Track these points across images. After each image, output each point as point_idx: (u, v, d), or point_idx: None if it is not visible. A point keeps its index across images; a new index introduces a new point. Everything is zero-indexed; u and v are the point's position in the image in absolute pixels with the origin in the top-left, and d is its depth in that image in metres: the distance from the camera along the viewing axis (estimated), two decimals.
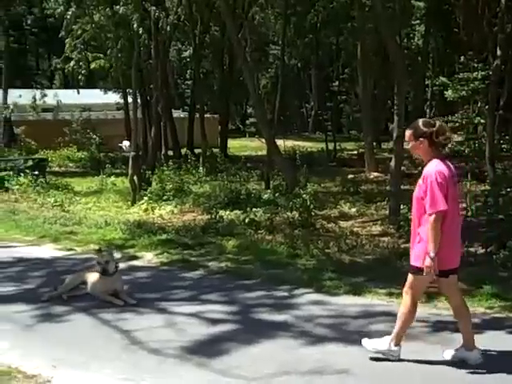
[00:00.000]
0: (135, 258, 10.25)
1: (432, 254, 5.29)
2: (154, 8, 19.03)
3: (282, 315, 7.18)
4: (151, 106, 25.86)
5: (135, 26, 17.04)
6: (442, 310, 7.06)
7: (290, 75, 45.34)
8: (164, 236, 11.57)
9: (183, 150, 30.27)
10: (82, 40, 19.61)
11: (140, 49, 19.61)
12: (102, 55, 22.46)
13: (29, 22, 62.38)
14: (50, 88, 30.90)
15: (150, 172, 18.64)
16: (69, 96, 34.14)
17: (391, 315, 6.36)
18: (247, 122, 54.21)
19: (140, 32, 17.93)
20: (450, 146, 5.70)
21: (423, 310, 6.67)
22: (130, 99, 28.75)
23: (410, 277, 5.58)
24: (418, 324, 6.40)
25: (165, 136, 28.92)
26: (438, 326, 6.62)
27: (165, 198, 15.90)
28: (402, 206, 12.02)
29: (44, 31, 63.71)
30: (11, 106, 31.23)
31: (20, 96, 31.17)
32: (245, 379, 5.46)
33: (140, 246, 10.96)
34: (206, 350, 6.18)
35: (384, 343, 5.72)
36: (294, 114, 56.38)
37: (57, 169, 27.89)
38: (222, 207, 14.19)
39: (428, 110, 38.91)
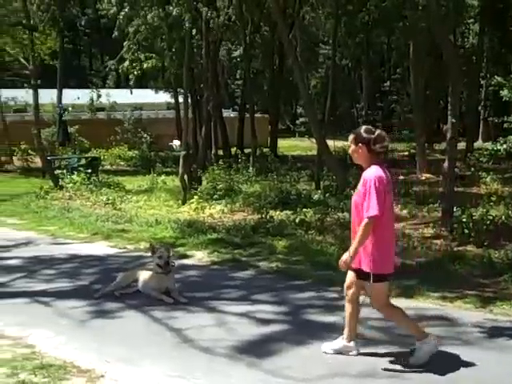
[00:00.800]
0: (186, 256, 10.32)
1: (351, 254, 5.50)
2: (205, 8, 19.15)
3: (332, 317, 7.12)
4: (202, 105, 26.04)
5: (187, 26, 17.17)
6: (498, 315, 6.92)
7: (340, 75, 45.10)
8: (214, 235, 11.64)
9: (233, 150, 30.42)
10: (136, 41, 19.85)
11: (192, 49, 19.75)
12: (153, 55, 22.72)
13: (82, 22, 63.44)
14: (103, 87, 31.34)
15: (200, 171, 18.77)
16: (121, 95, 34.53)
17: (445, 319, 6.27)
18: (297, 121, 54.11)
19: (192, 32, 18.05)
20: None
21: (478, 315, 6.55)
22: (180, 99, 29.06)
23: (364, 283, 5.69)
24: (474, 329, 6.28)
25: (215, 135, 29.08)
26: (494, 332, 6.49)
27: (215, 197, 15.98)
28: (455, 209, 11.83)
29: (97, 32, 64.77)
30: (69, 108, 31.84)
31: (78, 98, 31.79)
32: (295, 380, 5.45)
33: (190, 244, 11.05)
34: (256, 349, 6.18)
35: (339, 342, 5.98)
36: (344, 114, 56.02)
37: (109, 167, 28.34)
38: (272, 207, 14.20)
39: (482, 111, 38.25)
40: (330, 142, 20.72)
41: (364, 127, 5.85)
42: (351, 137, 5.80)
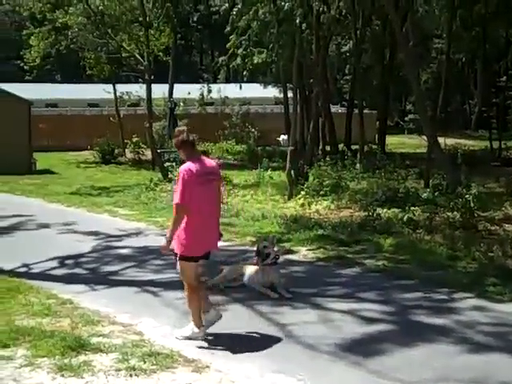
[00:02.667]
0: (291, 252, 10.34)
1: (168, 238, 6.11)
2: (316, 3, 19.07)
3: (440, 319, 6.94)
4: (310, 100, 25.96)
5: (298, 21, 17.16)
6: None
7: (453, 70, 43.78)
8: (320, 231, 11.60)
9: (340, 146, 30.19)
10: (247, 36, 20.04)
11: (302, 44, 19.72)
12: (264, 50, 22.88)
13: (195, 19, 64.74)
14: (214, 83, 31.91)
15: (307, 167, 18.72)
16: (230, 90, 35.12)
17: None
18: (406, 118, 53.05)
19: (303, 27, 18.03)
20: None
21: None
22: (289, 93, 29.09)
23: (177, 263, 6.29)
24: None
25: (322, 131, 28.94)
26: None
27: (321, 193, 15.91)
28: None
29: (208, 28, 65.93)
30: (180, 103, 32.64)
31: (189, 93, 32.57)
32: (402, 383, 5.33)
33: (296, 240, 11.06)
34: (361, 349, 6.11)
35: (188, 329, 6.38)
36: (456, 110, 54.40)
37: (216, 161, 28.75)
38: (379, 204, 13.97)
39: None
40: (441, 140, 20.16)
41: (176, 130, 6.68)
42: (174, 142, 6.57)
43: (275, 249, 8.25)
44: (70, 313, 6.98)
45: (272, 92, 39.18)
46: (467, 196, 12.24)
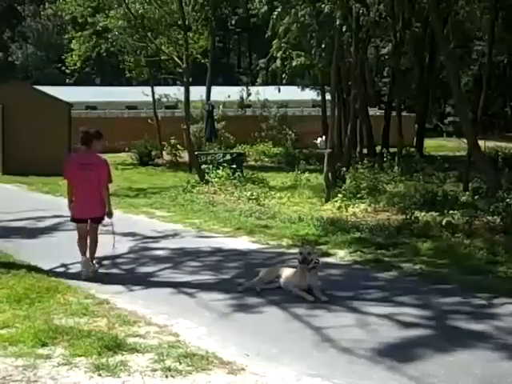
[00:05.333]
0: (328, 255, 10.27)
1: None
2: (356, 5, 18.98)
3: (480, 324, 6.82)
4: (348, 103, 25.85)
5: (338, 23, 17.09)
6: None
7: (494, 72, 43.15)
8: (357, 234, 11.53)
9: (378, 149, 29.98)
10: (287, 39, 20.04)
11: (341, 46, 19.64)
12: (303, 53, 22.86)
13: (233, 22, 64.96)
14: (252, 85, 31.98)
15: (344, 169, 18.63)
16: (268, 93, 35.12)
17: None
18: (445, 121, 52.45)
19: (342, 29, 17.96)
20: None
21: None
22: (327, 96, 29.01)
23: None
24: None
25: (360, 134, 28.79)
26: None
27: (359, 196, 15.81)
28: None
29: (246, 30, 66.10)
30: (220, 106, 32.80)
31: (229, 96, 32.66)
32: None
33: (333, 243, 10.99)
34: (398, 353, 6.03)
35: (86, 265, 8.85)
36: (497, 113, 53.62)
37: (253, 163, 28.87)
38: (417, 208, 13.84)
39: None
40: (481, 142, 19.88)
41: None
42: None
43: (314, 251, 8.22)
44: (107, 313, 7.02)
45: (310, 95, 39.06)
46: (508, 200, 12.04)
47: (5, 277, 8.40)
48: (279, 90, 30.17)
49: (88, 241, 9.10)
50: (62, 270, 9.38)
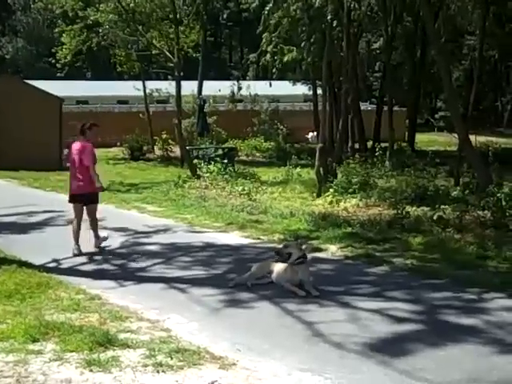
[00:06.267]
0: (319, 250, 10.29)
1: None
2: None
3: (470, 319, 6.86)
4: (339, 98, 25.85)
5: (329, 18, 17.07)
6: None
7: (485, 67, 43.24)
8: (349, 229, 11.54)
9: (369, 144, 30.04)
10: (278, 34, 20.01)
11: (332, 41, 19.64)
12: (294, 48, 22.85)
13: (224, 16, 64.90)
14: (243, 80, 31.88)
15: (335, 164, 18.64)
16: (259, 87, 35.04)
17: None
18: (436, 115, 52.58)
19: (333, 24, 17.95)
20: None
21: None
22: (318, 91, 28.99)
23: None
24: None
25: (352, 129, 28.82)
26: None
27: (350, 190, 15.82)
28: None
29: (237, 25, 66.05)
30: (210, 100, 32.73)
31: (220, 90, 32.60)
32: (430, 383, 5.27)
33: (324, 238, 11.00)
34: (390, 348, 6.05)
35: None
36: (488, 108, 53.77)
37: (244, 158, 28.86)
38: (408, 203, 13.88)
39: None
40: (472, 137, 19.91)
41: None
42: None
43: (303, 247, 8.21)
44: (98, 308, 7.02)
45: (301, 89, 39.09)
46: (499, 195, 12.09)
47: None
48: (270, 85, 30.08)
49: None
50: (53, 265, 9.37)
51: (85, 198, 10.28)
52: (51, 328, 6.20)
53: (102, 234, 10.64)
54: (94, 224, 10.48)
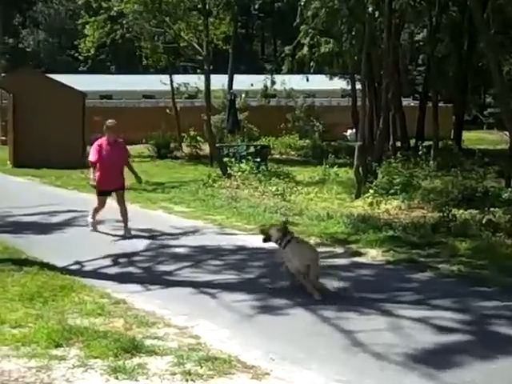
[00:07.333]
0: (358, 254, 10.28)
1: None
2: None
3: None
4: (379, 93, 25.71)
5: (370, 9, 16.99)
6: None
7: None
8: (390, 232, 11.48)
9: (412, 142, 29.83)
10: (315, 25, 19.98)
11: (372, 32, 19.54)
12: (332, 39, 22.79)
13: (256, 6, 64.95)
14: (277, 73, 31.90)
15: (376, 164, 18.54)
16: (294, 82, 35.06)
17: None
18: (485, 112, 52.00)
19: (375, 15, 17.87)
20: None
21: None
22: (357, 86, 28.86)
23: None
24: None
25: (393, 126, 28.63)
26: None
27: (391, 191, 15.75)
28: None
29: (270, 15, 66.07)
30: (242, 95, 32.79)
31: (252, 85, 32.66)
32: None
33: (364, 241, 10.97)
34: (434, 359, 6.01)
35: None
36: None
37: (278, 156, 28.88)
38: (454, 205, 13.75)
39: None
40: None
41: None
42: None
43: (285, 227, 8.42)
44: (123, 313, 7.09)
45: (339, 84, 38.95)
46: None
47: (17, 274, 8.49)
48: (307, 79, 30.03)
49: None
50: (76, 267, 9.46)
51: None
52: (75, 333, 6.27)
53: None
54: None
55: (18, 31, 68.81)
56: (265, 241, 8.45)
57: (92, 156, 11.84)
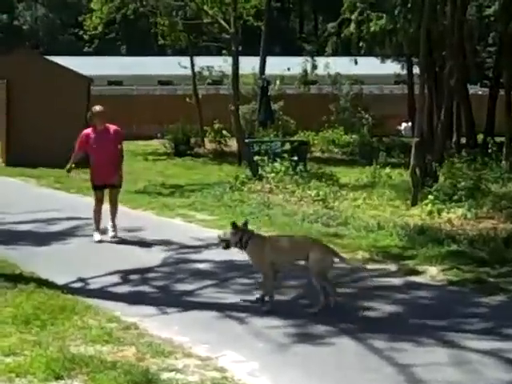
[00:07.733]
0: (415, 272, 10.25)
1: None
2: None
3: None
4: (441, 79, 25.60)
5: None
6: None
7: None
8: (454, 247, 11.46)
9: (480, 137, 29.64)
10: None
11: (433, 6, 19.47)
12: (384, 15, 22.72)
13: None
14: (318, 55, 31.89)
15: (436, 164, 18.46)
16: (339, 65, 35.03)
17: None
18: None
19: None
20: None
21: None
22: (414, 70, 28.73)
23: None
24: None
25: (457, 118, 28.52)
26: None
27: (455, 198, 15.68)
28: None
29: None
30: (277, 81, 32.84)
31: (288, 69, 32.67)
32: None
33: (422, 257, 10.94)
34: None
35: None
36: None
37: (319, 154, 28.93)
38: None
39: None
40: None
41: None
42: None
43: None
44: (135, 340, 7.13)
45: (392, 68, 38.83)
46: None
47: (10, 292, 8.60)
48: (356, 62, 29.96)
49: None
50: (79, 285, 9.56)
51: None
52: (77, 363, 6.32)
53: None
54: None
55: (12, 6, 69.58)
56: (225, 248, 8.95)
57: (76, 147, 12.71)
